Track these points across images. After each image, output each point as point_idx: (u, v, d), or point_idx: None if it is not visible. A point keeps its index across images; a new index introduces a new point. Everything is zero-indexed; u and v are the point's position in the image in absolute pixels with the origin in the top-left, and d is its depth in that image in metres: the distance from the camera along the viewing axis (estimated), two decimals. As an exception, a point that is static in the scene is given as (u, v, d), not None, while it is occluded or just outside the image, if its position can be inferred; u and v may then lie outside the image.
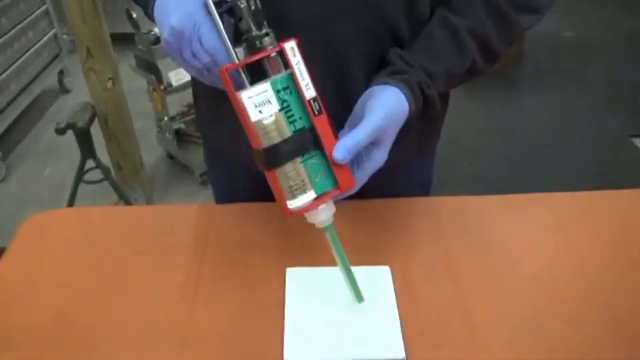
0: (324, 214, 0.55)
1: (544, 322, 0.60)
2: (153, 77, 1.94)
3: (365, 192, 0.60)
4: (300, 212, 0.54)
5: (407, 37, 0.65)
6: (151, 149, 2.29)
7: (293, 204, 0.53)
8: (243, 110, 0.51)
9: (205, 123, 0.82)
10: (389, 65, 0.63)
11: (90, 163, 1.79)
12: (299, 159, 0.53)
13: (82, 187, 1.85)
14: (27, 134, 2.52)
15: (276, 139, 0.51)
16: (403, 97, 0.59)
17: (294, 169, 0.53)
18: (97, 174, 1.84)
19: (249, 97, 0.51)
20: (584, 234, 0.72)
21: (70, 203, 1.82)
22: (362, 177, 0.57)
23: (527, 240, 0.72)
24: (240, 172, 0.77)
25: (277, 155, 0.52)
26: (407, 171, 0.79)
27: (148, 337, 0.59)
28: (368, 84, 0.62)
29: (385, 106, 0.56)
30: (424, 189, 0.86)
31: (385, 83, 0.59)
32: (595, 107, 2.56)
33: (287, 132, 0.52)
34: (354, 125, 0.55)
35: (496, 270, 0.67)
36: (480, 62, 0.64)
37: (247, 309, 0.62)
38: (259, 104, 0.51)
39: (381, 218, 0.74)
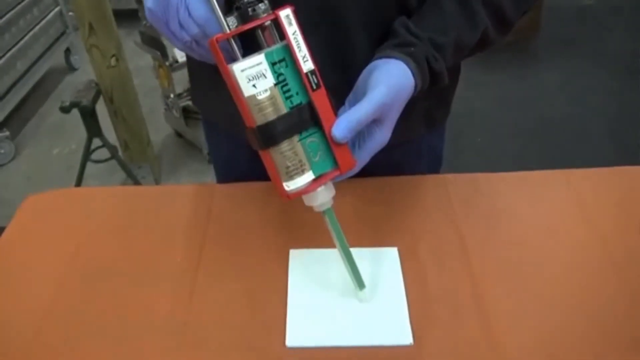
0: (323, 197, 0.52)
1: (560, 308, 0.57)
2: (158, 53, 1.91)
3: (370, 170, 0.57)
4: (298, 195, 0.51)
5: (415, 4, 0.61)
6: (159, 127, 2.28)
7: (290, 185, 0.50)
8: (235, 84, 0.47)
9: (201, 98, 0.79)
10: (394, 37, 0.59)
11: (97, 142, 1.79)
12: (296, 138, 0.49)
13: (91, 166, 1.86)
14: (35, 112, 2.52)
15: (271, 115, 0.48)
16: (408, 72, 0.55)
17: (291, 148, 0.49)
18: (105, 153, 1.84)
19: (242, 70, 0.47)
20: (606, 212, 0.69)
21: (78, 182, 1.83)
22: (363, 157, 0.54)
23: (545, 220, 0.68)
24: (240, 148, 0.74)
25: (273, 133, 0.48)
26: (414, 147, 0.76)
27: (147, 320, 0.58)
28: (372, 56, 0.58)
29: (389, 81, 0.52)
30: (433, 166, 0.83)
31: (390, 56, 0.55)
32: (617, 79, 2.48)
33: (283, 108, 0.48)
34: (355, 102, 0.52)
35: (510, 252, 0.64)
36: (492, 32, 0.60)
37: (248, 292, 0.60)
38: (253, 77, 0.47)
39: (387, 197, 0.71)
